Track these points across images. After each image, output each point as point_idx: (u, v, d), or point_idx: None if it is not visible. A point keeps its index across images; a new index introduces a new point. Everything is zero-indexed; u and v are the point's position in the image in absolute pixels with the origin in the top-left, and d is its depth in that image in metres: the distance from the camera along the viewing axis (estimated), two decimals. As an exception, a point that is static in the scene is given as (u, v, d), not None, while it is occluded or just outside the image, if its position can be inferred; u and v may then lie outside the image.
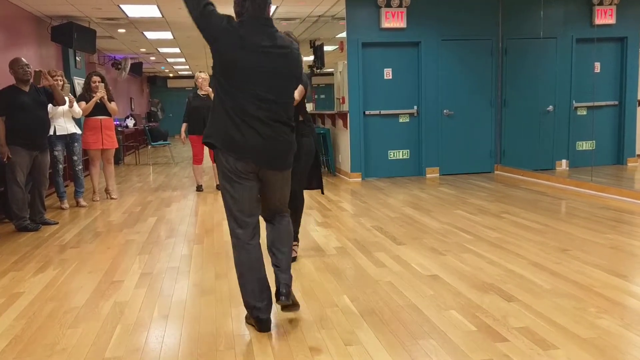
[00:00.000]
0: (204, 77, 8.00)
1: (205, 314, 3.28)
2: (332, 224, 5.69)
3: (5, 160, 5.57)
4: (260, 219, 3.05)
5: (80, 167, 7.14)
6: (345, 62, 9.00)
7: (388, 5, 8.52)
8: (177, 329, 3.07)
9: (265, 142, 2.84)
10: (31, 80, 5.78)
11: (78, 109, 6.98)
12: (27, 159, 5.72)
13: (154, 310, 3.36)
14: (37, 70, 5.88)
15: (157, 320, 3.20)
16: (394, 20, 8.58)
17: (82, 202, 7.09)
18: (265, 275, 2.98)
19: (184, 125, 8.02)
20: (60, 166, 6.90)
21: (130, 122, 15.62)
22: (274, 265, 3.05)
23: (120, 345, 2.88)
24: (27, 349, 2.86)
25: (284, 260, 3.04)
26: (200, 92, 7.97)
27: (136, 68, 16.64)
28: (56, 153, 6.81)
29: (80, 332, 3.06)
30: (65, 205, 6.93)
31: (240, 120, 2.80)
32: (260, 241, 2.98)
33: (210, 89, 7.96)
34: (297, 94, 3.67)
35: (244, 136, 2.81)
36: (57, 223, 6.03)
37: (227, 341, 2.89)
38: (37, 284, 3.93)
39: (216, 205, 6.99)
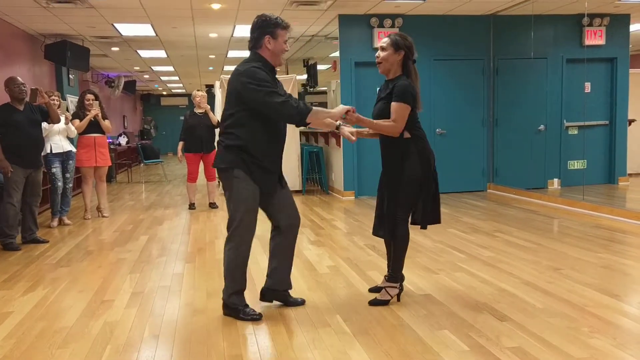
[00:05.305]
0: (202, 95, 7.96)
1: (197, 334, 3.24)
2: (325, 242, 5.67)
3: (8, 174, 5.56)
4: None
5: (70, 185, 7.10)
6: (339, 81, 9.05)
7: (381, 25, 8.60)
8: (167, 350, 3.04)
9: None
10: (27, 99, 5.78)
11: (73, 128, 6.98)
12: (22, 176, 5.71)
13: (144, 330, 3.32)
14: (33, 88, 5.88)
15: (148, 341, 3.17)
16: (386, 40, 8.63)
17: (67, 220, 7.04)
18: None
19: (181, 144, 7.98)
20: (59, 184, 6.84)
21: (123, 140, 15.59)
22: None
23: (110, 365, 2.84)
24: (15, 370, 2.83)
25: None
26: (197, 110, 7.92)
27: (129, 86, 16.65)
28: (54, 170, 6.78)
29: (70, 352, 3.02)
30: (54, 223, 6.89)
31: None
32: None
33: (208, 107, 7.94)
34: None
35: None
36: (47, 241, 5.98)
37: (218, 361, 2.86)
38: (26, 303, 3.89)
39: (208, 223, 6.96)
